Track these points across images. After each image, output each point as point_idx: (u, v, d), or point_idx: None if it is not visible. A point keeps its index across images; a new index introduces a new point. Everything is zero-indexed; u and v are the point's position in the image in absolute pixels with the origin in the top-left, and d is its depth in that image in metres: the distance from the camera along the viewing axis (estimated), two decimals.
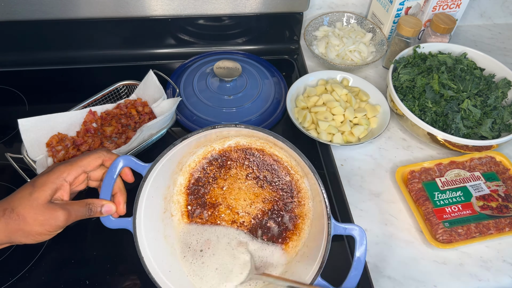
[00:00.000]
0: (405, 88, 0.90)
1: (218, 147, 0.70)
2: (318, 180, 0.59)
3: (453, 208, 0.77)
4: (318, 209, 0.66)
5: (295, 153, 0.60)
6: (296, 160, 0.66)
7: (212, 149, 0.70)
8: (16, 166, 0.72)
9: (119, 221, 0.63)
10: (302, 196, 0.69)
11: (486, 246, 0.76)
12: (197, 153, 0.70)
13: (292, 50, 1.11)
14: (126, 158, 0.62)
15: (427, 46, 0.97)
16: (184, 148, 0.65)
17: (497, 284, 0.72)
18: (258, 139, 0.69)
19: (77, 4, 0.94)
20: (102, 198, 0.62)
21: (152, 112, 0.85)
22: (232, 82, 0.95)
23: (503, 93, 0.90)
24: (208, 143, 0.69)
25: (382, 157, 0.88)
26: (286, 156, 0.69)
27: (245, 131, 0.64)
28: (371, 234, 0.76)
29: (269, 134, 0.61)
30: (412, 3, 1.03)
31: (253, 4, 1.00)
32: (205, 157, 0.70)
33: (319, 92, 0.94)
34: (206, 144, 0.69)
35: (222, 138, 0.69)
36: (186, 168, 0.70)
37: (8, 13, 0.92)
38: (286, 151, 0.67)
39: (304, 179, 0.69)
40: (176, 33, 1.05)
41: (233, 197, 0.70)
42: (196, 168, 0.70)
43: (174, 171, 0.69)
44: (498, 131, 0.85)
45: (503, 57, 1.12)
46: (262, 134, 0.62)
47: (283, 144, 0.61)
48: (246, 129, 0.62)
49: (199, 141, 0.67)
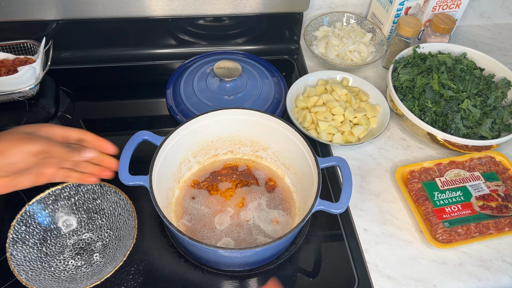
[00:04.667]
0: (405, 88, 0.90)
1: (209, 167, 0.83)
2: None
3: (453, 207, 0.77)
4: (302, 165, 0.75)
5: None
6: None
7: (204, 168, 0.83)
8: None
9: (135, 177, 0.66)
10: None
11: (486, 246, 0.76)
12: (192, 168, 0.82)
13: (292, 50, 1.11)
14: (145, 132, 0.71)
15: (427, 46, 0.97)
16: (187, 138, 0.76)
17: (497, 284, 0.72)
18: (244, 155, 0.84)
19: (77, 5, 0.94)
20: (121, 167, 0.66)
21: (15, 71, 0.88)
22: (232, 82, 0.95)
23: (502, 93, 0.90)
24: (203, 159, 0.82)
25: (382, 156, 0.88)
26: (267, 165, 0.84)
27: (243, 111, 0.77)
28: (371, 234, 0.76)
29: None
30: (412, 3, 1.03)
31: (253, 4, 1.00)
32: (199, 175, 0.82)
33: (319, 92, 0.94)
34: (201, 156, 0.82)
35: (212, 157, 0.83)
36: (182, 183, 0.80)
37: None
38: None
39: (285, 179, 0.82)
40: (176, 33, 1.05)
41: (226, 204, 0.78)
42: (191, 184, 0.80)
43: (176, 169, 0.78)
44: (497, 131, 0.85)
45: (503, 57, 1.12)
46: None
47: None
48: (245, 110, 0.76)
49: (197, 144, 0.79)
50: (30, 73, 0.87)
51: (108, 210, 0.74)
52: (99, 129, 0.91)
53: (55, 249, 0.71)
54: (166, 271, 0.71)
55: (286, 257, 0.73)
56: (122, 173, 0.66)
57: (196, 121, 0.75)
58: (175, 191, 0.79)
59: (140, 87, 1.00)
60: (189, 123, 0.74)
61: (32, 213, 0.70)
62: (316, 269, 0.73)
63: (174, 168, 0.77)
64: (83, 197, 0.74)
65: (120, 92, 1.01)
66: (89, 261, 0.70)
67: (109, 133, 0.90)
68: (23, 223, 0.69)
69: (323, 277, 0.72)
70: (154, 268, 0.71)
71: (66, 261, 0.70)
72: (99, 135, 0.65)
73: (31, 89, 0.89)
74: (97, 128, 0.91)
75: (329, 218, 0.79)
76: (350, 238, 0.77)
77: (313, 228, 0.77)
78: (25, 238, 0.68)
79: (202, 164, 0.83)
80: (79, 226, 0.74)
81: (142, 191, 0.71)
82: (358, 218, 0.78)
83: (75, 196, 0.74)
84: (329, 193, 0.84)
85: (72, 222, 0.74)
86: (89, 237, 0.73)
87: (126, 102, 0.98)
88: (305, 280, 0.71)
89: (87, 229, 0.74)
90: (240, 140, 0.83)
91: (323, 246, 0.76)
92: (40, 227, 0.71)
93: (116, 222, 0.73)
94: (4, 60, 0.92)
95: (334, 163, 0.71)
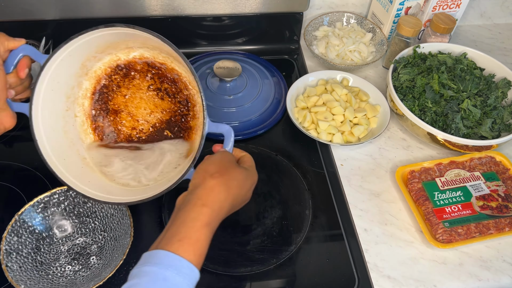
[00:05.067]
0: (405, 88, 0.90)
1: (123, 57, 0.74)
2: (190, 69, 0.63)
3: (453, 208, 0.77)
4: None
5: (165, 44, 0.63)
6: (170, 54, 0.69)
7: (117, 58, 0.74)
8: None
9: (18, 104, 0.65)
10: (197, 109, 0.74)
11: (486, 246, 0.76)
12: (102, 59, 0.73)
13: (292, 50, 1.11)
14: (27, 47, 0.65)
15: (427, 46, 0.97)
16: (84, 46, 0.68)
17: (497, 284, 0.72)
18: (160, 52, 0.72)
19: (77, 5, 0.94)
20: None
21: None
22: (232, 82, 0.95)
23: (503, 93, 0.90)
24: (113, 51, 0.72)
25: (382, 156, 0.88)
26: (185, 71, 0.72)
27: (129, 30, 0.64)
28: (371, 234, 0.76)
29: (147, 33, 0.63)
30: (412, 3, 1.03)
31: (253, 4, 1.00)
32: (111, 66, 0.74)
33: (319, 92, 0.94)
34: (110, 51, 0.72)
35: (127, 49, 0.72)
36: (92, 74, 0.74)
37: None
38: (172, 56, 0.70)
39: (202, 93, 0.71)
40: (176, 33, 1.05)
41: (134, 105, 0.75)
42: (102, 75, 0.74)
43: (78, 73, 0.73)
44: (498, 131, 0.85)
45: (503, 57, 1.12)
46: (140, 32, 0.63)
47: (158, 40, 0.63)
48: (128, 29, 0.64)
49: (99, 45, 0.70)
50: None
51: (100, 212, 0.74)
52: None
53: (49, 256, 0.70)
54: None
55: (286, 257, 0.73)
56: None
57: (87, 35, 0.66)
58: (83, 83, 0.74)
59: None
60: (77, 39, 0.66)
61: (22, 223, 0.69)
62: (316, 269, 0.73)
63: (75, 69, 0.71)
64: (73, 202, 0.73)
65: None
66: (87, 264, 0.70)
67: None
68: (14, 234, 0.67)
69: (323, 277, 0.72)
70: None
71: (63, 267, 0.70)
72: None
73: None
74: None
75: (329, 218, 0.79)
76: (350, 238, 0.77)
77: (313, 228, 0.77)
78: (18, 248, 0.67)
79: (115, 54, 0.74)
80: (72, 231, 0.73)
81: None
82: (358, 218, 0.78)
83: (64, 201, 0.73)
84: (329, 193, 0.83)
85: (64, 228, 0.73)
86: (83, 241, 0.73)
87: None
88: (305, 280, 0.71)
89: (80, 233, 0.73)
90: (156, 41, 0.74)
91: (323, 246, 0.76)
92: (32, 236, 0.70)
93: (110, 223, 0.73)
94: None
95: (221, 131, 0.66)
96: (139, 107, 0.75)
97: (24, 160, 0.83)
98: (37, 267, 0.68)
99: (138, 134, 0.74)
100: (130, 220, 0.70)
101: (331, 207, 0.81)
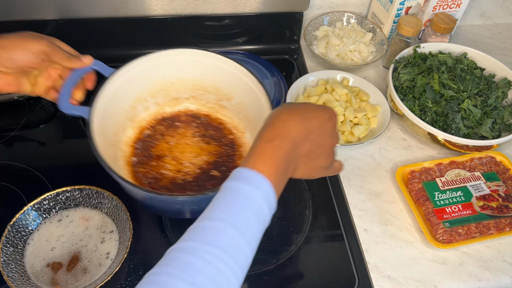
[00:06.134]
0: (405, 88, 0.90)
1: (169, 110, 0.77)
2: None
3: (453, 208, 0.76)
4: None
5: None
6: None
7: (163, 111, 0.77)
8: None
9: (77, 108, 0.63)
10: (244, 149, 0.76)
11: (486, 246, 0.75)
12: (149, 109, 0.76)
13: (292, 50, 1.11)
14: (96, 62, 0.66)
15: (427, 46, 0.97)
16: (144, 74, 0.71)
17: (497, 284, 0.72)
18: (207, 103, 0.77)
19: (76, 5, 0.94)
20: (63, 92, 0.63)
21: None
22: None
23: (503, 93, 0.90)
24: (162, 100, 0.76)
25: (382, 156, 0.88)
26: (230, 117, 0.78)
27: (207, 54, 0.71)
28: (371, 234, 0.76)
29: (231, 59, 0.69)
30: (412, 3, 1.03)
31: (253, 4, 1.00)
32: (156, 118, 0.76)
33: (319, 92, 0.94)
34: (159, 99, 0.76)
35: (175, 100, 0.77)
36: (136, 123, 0.75)
37: None
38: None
39: (246, 134, 0.76)
40: (176, 33, 1.05)
41: (179, 150, 0.74)
42: (146, 126, 0.76)
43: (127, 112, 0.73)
44: (498, 131, 0.85)
45: (503, 57, 1.12)
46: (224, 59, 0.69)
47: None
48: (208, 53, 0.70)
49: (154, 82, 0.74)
50: None
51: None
52: None
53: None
54: None
55: (286, 257, 0.73)
56: (62, 100, 0.62)
57: (153, 57, 0.70)
58: (127, 129, 0.74)
59: None
60: (145, 59, 0.70)
61: (16, 233, 0.68)
62: (316, 269, 0.73)
63: (127, 105, 0.72)
64: (64, 205, 0.73)
65: None
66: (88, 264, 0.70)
67: None
68: (9, 244, 0.67)
69: (323, 277, 0.72)
70: None
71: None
72: None
73: None
74: None
75: (329, 218, 0.79)
76: (350, 238, 0.77)
77: (313, 228, 0.77)
78: (17, 258, 0.67)
79: (162, 106, 0.77)
80: (66, 234, 0.72)
81: None
82: (359, 218, 0.78)
83: (55, 206, 0.72)
84: (329, 193, 0.83)
85: (58, 231, 0.72)
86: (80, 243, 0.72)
87: None
88: (305, 280, 0.71)
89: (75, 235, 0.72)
90: (204, 86, 0.77)
91: (323, 246, 0.76)
92: (27, 245, 0.70)
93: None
94: None
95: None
96: (184, 152, 0.74)
97: (24, 160, 0.83)
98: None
99: (184, 177, 0.71)
100: (127, 215, 0.70)
101: (331, 207, 0.81)
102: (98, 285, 0.63)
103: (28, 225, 0.70)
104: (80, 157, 0.85)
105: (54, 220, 0.72)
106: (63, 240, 0.71)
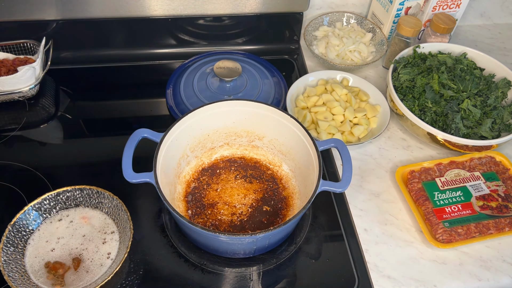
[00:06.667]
0: (405, 88, 0.90)
1: (207, 161, 0.83)
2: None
3: (453, 208, 0.77)
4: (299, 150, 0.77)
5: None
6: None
7: (202, 163, 0.83)
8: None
9: (140, 175, 0.66)
10: (284, 180, 0.82)
11: (486, 246, 0.76)
12: (190, 163, 0.82)
13: (292, 50, 1.11)
14: (146, 131, 0.71)
15: (427, 46, 0.97)
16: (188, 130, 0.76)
17: (497, 284, 0.72)
18: (239, 146, 0.85)
19: (77, 5, 0.94)
20: (125, 166, 0.66)
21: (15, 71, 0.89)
22: (232, 82, 0.95)
23: (503, 93, 0.90)
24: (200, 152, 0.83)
25: (382, 156, 0.88)
26: (263, 154, 0.84)
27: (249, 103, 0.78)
28: (371, 234, 0.76)
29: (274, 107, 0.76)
30: (412, 3, 1.03)
31: (253, 4, 1.00)
32: (197, 170, 0.82)
33: (319, 92, 0.94)
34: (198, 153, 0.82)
35: (210, 150, 0.84)
36: (182, 179, 0.80)
37: None
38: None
39: (283, 166, 0.83)
40: (176, 33, 1.05)
41: (227, 195, 0.79)
42: (191, 179, 0.81)
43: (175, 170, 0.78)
44: (498, 131, 0.85)
45: (503, 57, 1.12)
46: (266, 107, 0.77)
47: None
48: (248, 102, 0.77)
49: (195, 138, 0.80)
50: (30, 73, 0.87)
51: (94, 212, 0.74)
52: (100, 129, 0.91)
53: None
54: (166, 271, 0.71)
55: (286, 257, 0.73)
56: (126, 171, 0.66)
57: (193, 115, 0.75)
58: (176, 186, 0.78)
59: (140, 87, 1.00)
60: (187, 118, 0.75)
61: (16, 233, 0.68)
62: (316, 269, 0.73)
63: (174, 164, 0.77)
64: (65, 205, 0.73)
65: (120, 92, 1.01)
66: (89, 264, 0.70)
67: (110, 133, 0.90)
68: (10, 244, 0.67)
69: (323, 277, 0.72)
70: (154, 268, 0.71)
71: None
72: (99, 135, 0.66)
73: (31, 89, 0.89)
74: (97, 128, 0.91)
75: (329, 218, 0.79)
76: (350, 238, 0.77)
77: (313, 228, 0.77)
78: (17, 258, 0.67)
79: (200, 158, 0.83)
80: (66, 234, 0.72)
81: (133, 190, 0.72)
82: (358, 218, 0.78)
83: (56, 206, 0.72)
84: (329, 193, 0.83)
85: (59, 232, 0.72)
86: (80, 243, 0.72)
87: (126, 102, 0.98)
88: (305, 280, 0.71)
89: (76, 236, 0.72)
90: (236, 132, 0.83)
91: (323, 246, 0.76)
92: (28, 245, 0.70)
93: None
94: (4, 60, 0.92)
95: (332, 145, 0.73)
96: (233, 195, 0.79)
97: (24, 160, 0.83)
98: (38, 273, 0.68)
99: (240, 218, 0.76)
100: (127, 214, 0.70)
101: (331, 207, 0.81)
102: (99, 284, 0.64)
103: (29, 225, 0.70)
104: (80, 156, 0.85)
105: (54, 220, 0.72)
106: (64, 241, 0.71)
